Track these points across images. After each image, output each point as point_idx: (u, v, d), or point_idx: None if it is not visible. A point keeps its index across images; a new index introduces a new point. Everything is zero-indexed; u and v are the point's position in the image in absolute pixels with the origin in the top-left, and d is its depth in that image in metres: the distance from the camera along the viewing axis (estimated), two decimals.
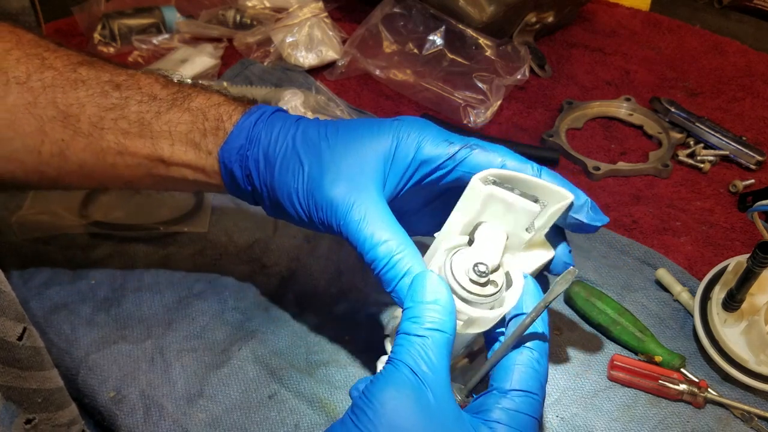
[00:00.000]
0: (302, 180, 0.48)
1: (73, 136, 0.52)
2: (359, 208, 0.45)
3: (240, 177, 0.51)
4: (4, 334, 0.38)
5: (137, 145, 0.52)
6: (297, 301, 0.65)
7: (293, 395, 0.57)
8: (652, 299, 0.65)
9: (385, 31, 0.95)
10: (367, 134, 0.48)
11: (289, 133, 0.50)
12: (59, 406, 0.44)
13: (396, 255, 0.43)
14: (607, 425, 0.55)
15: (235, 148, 0.51)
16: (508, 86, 0.90)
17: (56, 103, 0.51)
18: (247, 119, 0.52)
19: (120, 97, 0.52)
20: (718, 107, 0.89)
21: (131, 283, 0.66)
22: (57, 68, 0.52)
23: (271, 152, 0.50)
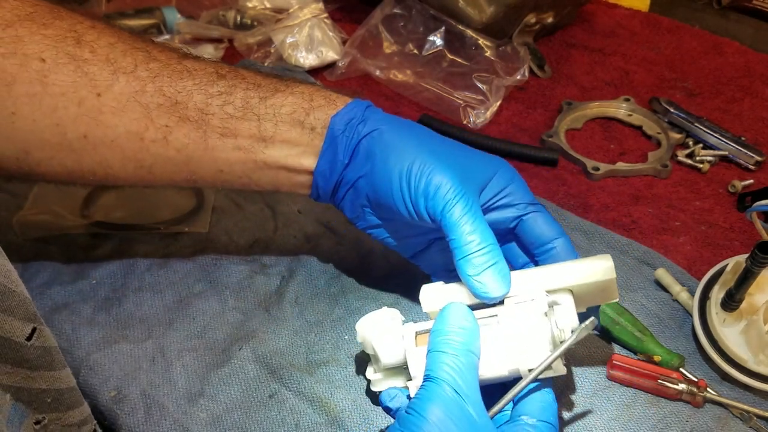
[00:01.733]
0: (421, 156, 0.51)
1: (179, 122, 0.54)
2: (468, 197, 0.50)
3: (342, 148, 0.54)
4: (12, 334, 0.38)
5: (241, 127, 0.55)
6: (297, 301, 0.65)
7: (293, 395, 0.57)
8: (652, 299, 0.65)
9: (385, 31, 0.95)
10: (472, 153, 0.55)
11: (406, 121, 0.55)
12: (69, 406, 0.44)
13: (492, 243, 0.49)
14: (606, 425, 0.55)
15: (345, 119, 0.54)
16: (507, 87, 0.91)
17: (163, 92, 0.53)
18: (360, 101, 0.56)
19: (226, 85, 0.55)
20: (717, 107, 0.89)
21: (132, 283, 0.66)
22: (162, 60, 0.54)
23: (389, 130, 0.54)
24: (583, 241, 0.71)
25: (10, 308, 0.38)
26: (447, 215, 0.49)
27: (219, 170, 0.56)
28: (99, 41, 0.53)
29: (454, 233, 0.49)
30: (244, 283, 0.67)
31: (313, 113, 0.55)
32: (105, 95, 0.52)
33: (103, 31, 0.54)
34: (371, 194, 0.55)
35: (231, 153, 0.55)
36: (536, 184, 0.79)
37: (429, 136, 0.55)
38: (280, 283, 0.67)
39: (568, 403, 0.57)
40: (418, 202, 0.51)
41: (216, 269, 0.68)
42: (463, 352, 0.44)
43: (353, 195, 0.56)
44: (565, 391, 0.58)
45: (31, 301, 0.40)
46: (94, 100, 0.52)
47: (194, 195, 0.75)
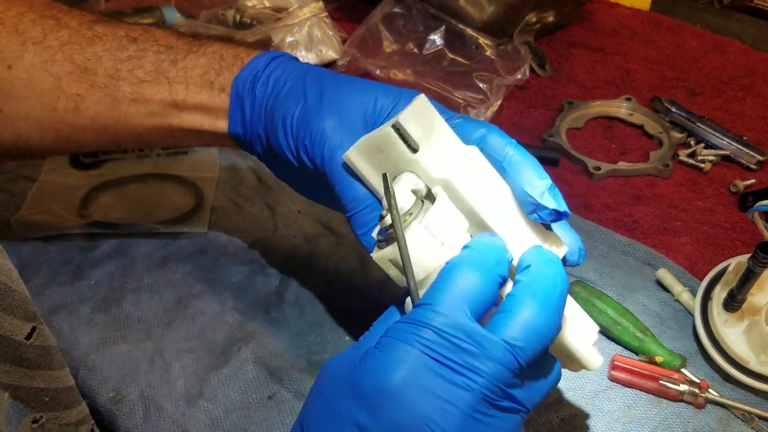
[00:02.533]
0: (300, 107, 0.49)
1: (89, 90, 0.53)
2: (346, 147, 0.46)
3: (247, 108, 0.52)
4: (12, 333, 0.38)
5: (152, 91, 0.53)
6: (297, 301, 0.65)
7: (293, 396, 0.57)
8: (653, 299, 0.65)
9: (385, 30, 0.95)
10: (370, 88, 0.50)
11: (303, 69, 0.52)
12: (67, 406, 0.43)
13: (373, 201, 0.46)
14: (607, 426, 0.55)
15: (249, 77, 0.52)
16: (508, 86, 0.90)
17: (73, 59, 0.53)
18: (264, 55, 0.53)
19: (137, 49, 0.53)
20: (718, 107, 0.89)
21: (131, 284, 0.66)
22: (72, 27, 0.53)
23: (281, 80, 0.51)
24: (584, 241, 0.70)
25: (10, 307, 0.38)
26: (326, 166, 0.47)
27: (138, 135, 0.55)
28: (8, 12, 0.52)
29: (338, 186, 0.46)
30: (243, 284, 0.66)
31: (223, 73, 0.53)
32: (15, 67, 0.52)
33: (14, 1, 0.53)
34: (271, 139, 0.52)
35: (145, 119, 0.54)
36: None
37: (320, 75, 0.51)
38: (279, 283, 0.67)
39: (570, 404, 0.57)
40: (300, 153, 0.49)
41: (215, 269, 0.68)
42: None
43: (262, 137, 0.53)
44: (566, 392, 0.57)
45: (31, 300, 0.40)
46: (5, 74, 0.52)
47: (194, 195, 0.74)
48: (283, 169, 0.54)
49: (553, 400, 0.57)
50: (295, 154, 0.49)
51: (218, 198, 0.75)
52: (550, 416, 0.56)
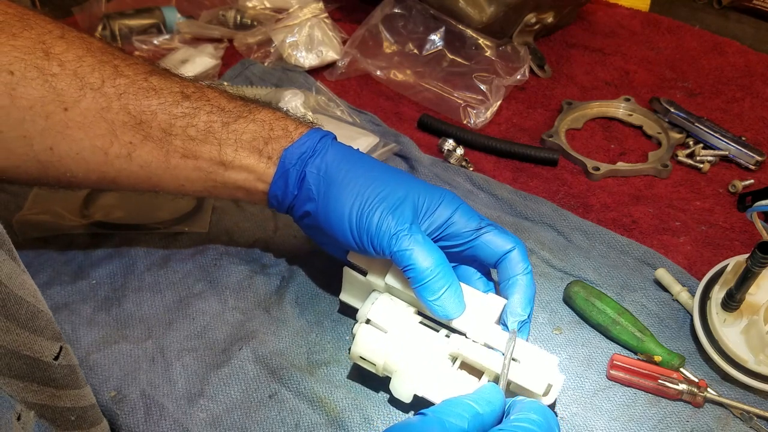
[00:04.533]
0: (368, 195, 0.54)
1: (143, 140, 0.55)
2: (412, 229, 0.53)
3: (292, 181, 0.56)
4: (41, 354, 0.38)
5: (202, 150, 0.56)
6: (297, 301, 0.65)
7: (293, 395, 0.57)
8: (652, 299, 0.65)
9: (385, 31, 0.95)
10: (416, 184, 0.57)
11: (356, 154, 0.58)
12: (92, 423, 0.44)
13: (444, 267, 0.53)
14: (606, 425, 0.55)
15: (297, 153, 0.56)
16: (507, 86, 0.91)
17: (128, 110, 0.55)
18: (314, 132, 0.58)
19: (190, 107, 0.56)
20: (717, 107, 0.89)
21: (132, 283, 0.66)
22: (129, 76, 0.55)
23: (335, 166, 0.56)
24: (584, 241, 0.71)
25: (39, 328, 0.38)
26: (394, 248, 0.52)
27: (180, 185, 0.58)
28: (67, 54, 0.53)
29: (406, 262, 0.52)
30: (244, 283, 0.67)
31: (271, 143, 0.57)
32: (72, 110, 0.53)
33: (72, 43, 0.54)
34: (321, 228, 0.57)
35: (192, 172, 0.57)
36: (536, 184, 0.79)
37: (370, 169, 0.57)
38: (280, 283, 0.67)
39: (569, 403, 0.57)
40: (362, 239, 0.54)
41: (216, 269, 0.68)
42: None
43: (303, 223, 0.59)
44: (565, 391, 0.58)
45: (54, 320, 0.40)
46: (61, 115, 0.53)
47: None
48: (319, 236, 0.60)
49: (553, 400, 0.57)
50: (358, 241, 0.54)
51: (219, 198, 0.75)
52: None
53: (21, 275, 0.37)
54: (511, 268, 0.56)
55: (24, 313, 0.37)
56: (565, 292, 0.64)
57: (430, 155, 0.82)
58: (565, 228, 0.72)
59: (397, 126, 0.87)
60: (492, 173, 0.80)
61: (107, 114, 0.54)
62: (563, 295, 0.65)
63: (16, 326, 0.36)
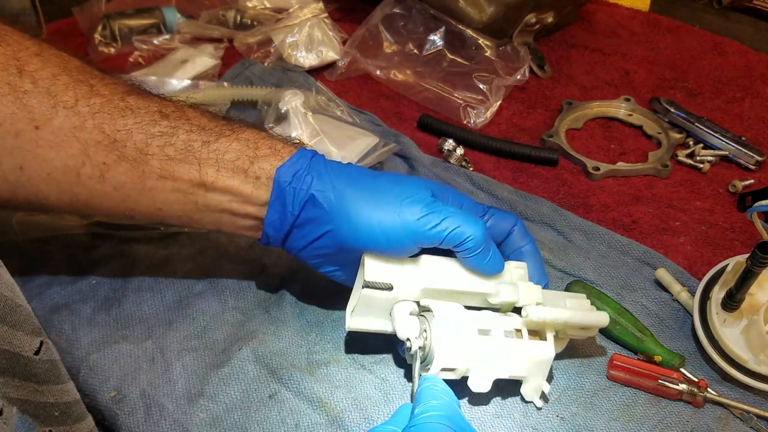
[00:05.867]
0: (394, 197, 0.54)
1: (117, 160, 0.53)
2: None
3: (290, 200, 0.55)
4: (21, 348, 0.38)
5: (181, 171, 0.54)
6: (297, 301, 0.65)
7: (293, 395, 0.57)
8: (652, 299, 0.65)
9: (385, 31, 0.95)
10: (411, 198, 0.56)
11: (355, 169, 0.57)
12: (76, 419, 0.44)
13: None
14: (606, 425, 0.55)
15: (291, 172, 0.54)
16: (508, 86, 0.91)
17: (103, 129, 0.52)
18: (305, 151, 0.56)
19: (168, 126, 0.54)
20: (717, 107, 0.89)
21: (132, 283, 0.66)
22: (105, 95, 0.53)
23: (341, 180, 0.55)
24: (584, 241, 0.71)
25: (18, 323, 0.38)
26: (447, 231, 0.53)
27: (158, 209, 0.56)
28: (42, 71, 0.52)
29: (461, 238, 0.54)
30: (244, 284, 0.67)
31: (258, 162, 0.55)
32: (43, 129, 0.51)
33: (48, 61, 0.53)
34: (338, 246, 0.56)
35: (169, 194, 0.55)
36: (536, 184, 0.79)
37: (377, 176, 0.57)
38: (280, 283, 0.67)
39: (569, 403, 0.57)
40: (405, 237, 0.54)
41: (216, 269, 0.68)
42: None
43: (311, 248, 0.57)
44: (565, 391, 0.58)
45: (34, 315, 0.40)
46: (31, 133, 0.51)
47: None
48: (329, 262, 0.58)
49: (553, 400, 0.57)
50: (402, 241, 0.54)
51: None
52: (550, 416, 0.56)
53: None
54: (517, 242, 0.59)
55: (1, 308, 0.36)
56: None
57: (430, 155, 0.82)
58: (565, 228, 0.72)
59: (397, 126, 0.87)
60: (492, 173, 0.80)
61: (80, 133, 0.52)
62: None
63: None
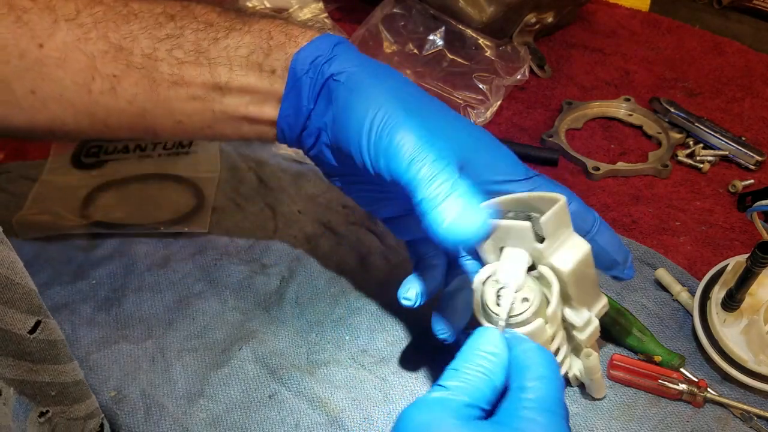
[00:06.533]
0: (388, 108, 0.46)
1: (125, 70, 0.50)
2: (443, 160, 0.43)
3: (306, 92, 0.49)
4: (13, 326, 0.37)
5: (192, 74, 0.50)
6: (297, 301, 0.65)
7: (293, 395, 0.57)
8: (652, 299, 0.65)
9: (385, 31, 0.95)
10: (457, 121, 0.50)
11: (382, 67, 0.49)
12: (75, 400, 0.43)
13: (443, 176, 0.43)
14: (606, 424, 0.55)
15: (309, 57, 0.49)
16: (508, 86, 0.91)
17: (108, 38, 0.49)
18: (327, 37, 0.50)
19: (175, 27, 0.50)
20: (717, 107, 0.89)
21: (132, 283, 0.66)
22: (107, 3, 0.51)
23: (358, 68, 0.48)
24: None
25: (12, 300, 0.37)
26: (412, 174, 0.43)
27: (177, 121, 0.52)
28: None
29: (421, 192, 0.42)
30: (244, 283, 0.67)
31: (273, 53, 0.50)
32: (47, 45, 0.49)
33: None
34: (334, 145, 0.50)
35: (186, 103, 0.51)
36: None
37: (404, 84, 0.49)
38: (280, 283, 0.67)
39: (569, 403, 0.57)
40: (378, 159, 0.45)
41: (216, 269, 0.68)
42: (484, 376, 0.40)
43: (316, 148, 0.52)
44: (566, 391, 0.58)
45: (37, 294, 0.39)
46: (36, 52, 0.49)
47: (194, 195, 0.75)
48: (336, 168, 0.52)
49: None
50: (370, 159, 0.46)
51: (219, 198, 0.75)
52: None
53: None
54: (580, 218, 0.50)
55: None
56: None
57: None
58: None
59: None
60: None
61: (85, 45, 0.49)
62: None
63: None
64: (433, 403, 0.38)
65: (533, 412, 0.38)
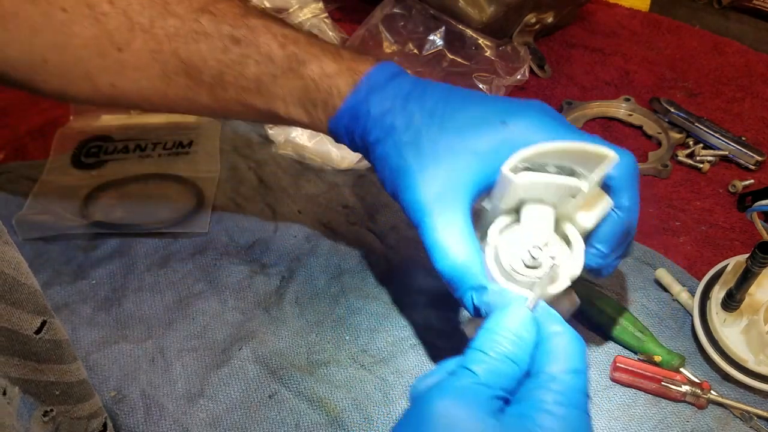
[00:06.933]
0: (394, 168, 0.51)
1: (197, 85, 0.55)
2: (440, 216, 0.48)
3: (349, 145, 0.56)
4: (20, 327, 0.38)
5: (255, 101, 0.56)
6: (297, 301, 0.65)
7: (293, 395, 0.57)
8: (652, 299, 0.65)
9: (385, 31, 0.95)
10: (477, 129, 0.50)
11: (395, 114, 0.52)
12: (79, 399, 0.43)
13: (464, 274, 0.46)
14: (607, 424, 0.55)
15: (342, 124, 0.54)
16: (508, 86, 0.90)
17: (179, 54, 0.54)
18: (354, 96, 0.53)
19: (240, 54, 0.54)
20: (717, 107, 0.89)
21: (132, 283, 0.66)
22: (179, 15, 0.54)
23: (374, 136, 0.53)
24: None
25: (18, 301, 0.37)
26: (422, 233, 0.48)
27: (245, 118, 0.60)
28: None
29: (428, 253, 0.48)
30: (244, 283, 0.67)
31: (318, 108, 0.55)
32: (125, 51, 0.53)
33: None
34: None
35: (251, 115, 0.58)
36: None
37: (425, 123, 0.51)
38: (280, 283, 0.67)
39: None
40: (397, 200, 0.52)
41: (216, 269, 0.68)
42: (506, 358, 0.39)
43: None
44: None
45: (42, 294, 0.39)
46: (116, 54, 0.53)
47: (195, 195, 0.75)
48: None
49: None
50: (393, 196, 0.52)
51: (219, 198, 0.75)
52: None
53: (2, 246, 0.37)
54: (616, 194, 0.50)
55: (1, 285, 0.36)
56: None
57: None
58: None
59: None
60: None
61: (159, 56, 0.54)
62: None
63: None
64: (462, 391, 0.37)
65: (560, 408, 0.37)
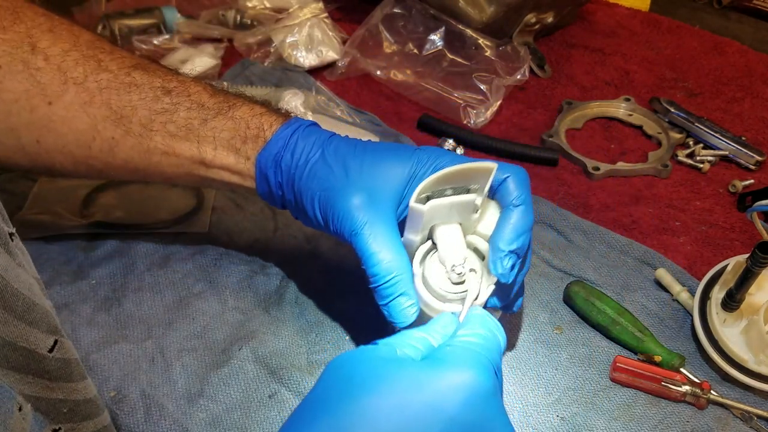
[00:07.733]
0: (325, 188, 0.53)
1: (124, 135, 0.55)
2: (371, 227, 0.50)
3: (273, 182, 0.55)
4: (36, 346, 0.39)
5: (182, 148, 0.56)
6: (297, 301, 0.65)
7: (293, 395, 0.57)
8: (652, 299, 0.65)
9: (385, 31, 0.95)
10: (391, 157, 0.54)
11: (323, 144, 0.55)
12: (84, 417, 0.44)
13: (395, 276, 0.49)
14: (607, 425, 0.55)
15: (271, 155, 0.55)
16: (507, 86, 0.91)
17: (110, 105, 0.55)
18: (285, 130, 0.56)
19: (170, 103, 0.56)
20: (717, 107, 0.89)
21: (132, 283, 0.66)
22: (112, 71, 0.55)
23: (303, 160, 0.54)
24: (584, 240, 0.71)
25: (34, 321, 0.38)
26: (353, 243, 0.51)
27: (167, 178, 0.59)
28: (53, 48, 0.54)
29: (363, 261, 0.51)
30: (244, 283, 0.67)
31: (248, 143, 0.56)
32: (55, 104, 0.54)
33: (60, 36, 0.55)
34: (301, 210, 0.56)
35: (175, 168, 0.57)
36: (536, 184, 0.79)
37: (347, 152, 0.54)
38: (280, 283, 0.67)
39: (569, 403, 0.57)
40: (328, 227, 0.53)
41: (216, 269, 0.68)
42: None
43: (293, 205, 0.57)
44: (566, 391, 0.58)
45: (54, 314, 0.40)
46: (45, 109, 0.54)
47: (194, 195, 0.75)
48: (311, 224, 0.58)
49: (553, 400, 0.57)
50: (324, 226, 0.54)
51: (219, 198, 0.75)
52: (550, 416, 0.56)
53: (15, 269, 0.38)
54: (504, 198, 0.52)
55: (20, 305, 0.37)
56: (565, 292, 0.64)
57: None
58: (565, 228, 0.72)
59: (397, 126, 0.87)
60: None
61: (89, 109, 0.54)
62: (563, 295, 0.65)
63: (14, 318, 0.37)
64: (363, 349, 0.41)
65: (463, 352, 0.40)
